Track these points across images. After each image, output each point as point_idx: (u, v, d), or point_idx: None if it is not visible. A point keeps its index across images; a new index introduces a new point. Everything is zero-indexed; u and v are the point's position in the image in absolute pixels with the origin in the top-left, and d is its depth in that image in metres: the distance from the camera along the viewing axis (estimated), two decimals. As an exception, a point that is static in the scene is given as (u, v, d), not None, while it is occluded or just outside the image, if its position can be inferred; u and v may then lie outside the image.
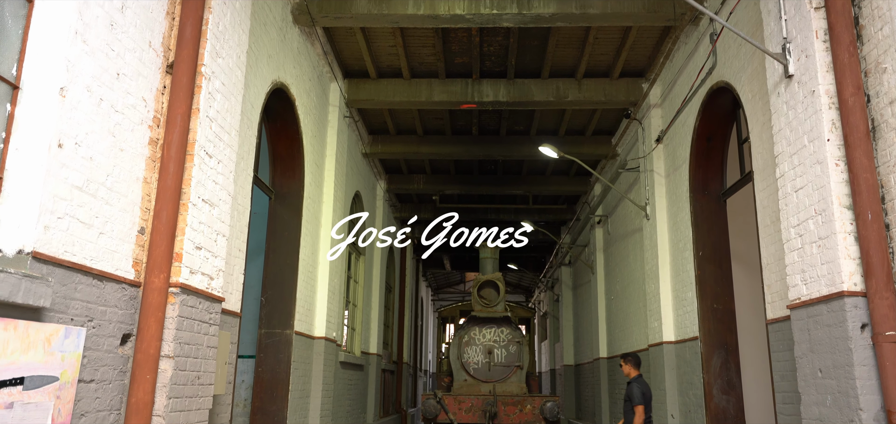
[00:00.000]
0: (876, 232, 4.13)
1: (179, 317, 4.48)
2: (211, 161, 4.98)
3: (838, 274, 4.32)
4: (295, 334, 8.00)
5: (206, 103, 4.90)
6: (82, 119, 3.83)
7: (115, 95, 4.15)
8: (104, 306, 4.03)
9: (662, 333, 8.95)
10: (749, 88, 6.37)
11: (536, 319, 25.54)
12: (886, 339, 3.96)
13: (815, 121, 4.65)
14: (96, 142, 3.95)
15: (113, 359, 4.13)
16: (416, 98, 10.10)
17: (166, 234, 4.42)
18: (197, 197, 4.75)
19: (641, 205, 9.88)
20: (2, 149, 3.50)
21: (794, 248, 4.93)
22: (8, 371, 3.17)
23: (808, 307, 4.71)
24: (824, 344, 4.47)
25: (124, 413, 4.18)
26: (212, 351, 5.01)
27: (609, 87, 9.97)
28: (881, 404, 4.01)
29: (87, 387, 3.86)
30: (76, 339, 3.69)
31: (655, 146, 9.45)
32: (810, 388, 4.65)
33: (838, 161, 4.48)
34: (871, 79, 4.52)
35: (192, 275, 4.69)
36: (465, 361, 11.49)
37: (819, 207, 4.59)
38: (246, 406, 8.76)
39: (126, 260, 4.27)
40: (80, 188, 3.80)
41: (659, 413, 9.09)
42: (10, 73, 3.58)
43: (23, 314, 3.34)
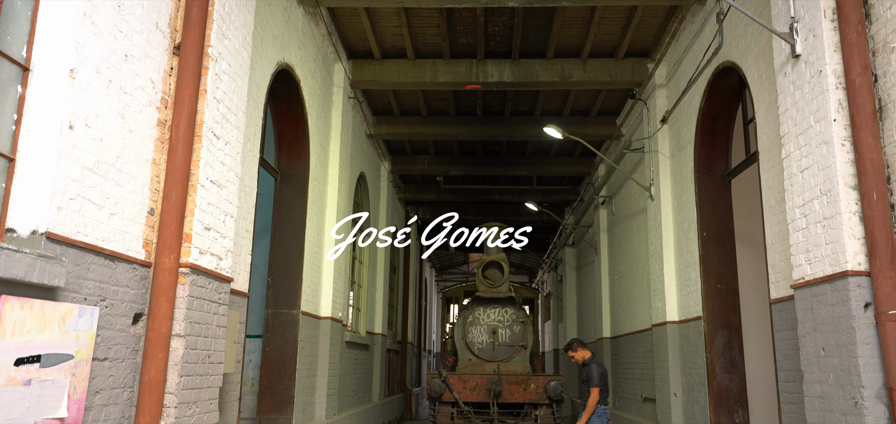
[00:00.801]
0: (881, 211, 4.15)
1: (190, 297, 4.54)
2: (218, 142, 5.01)
3: (842, 254, 4.35)
4: (301, 314, 8.08)
5: (213, 84, 4.92)
6: (92, 100, 3.86)
7: (124, 77, 4.18)
8: (116, 286, 4.09)
9: (666, 313, 9.00)
10: (755, 68, 6.35)
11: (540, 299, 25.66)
12: (889, 318, 3.99)
13: (822, 101, 4.64)
14: (106, 123, 3.98)
15: (125, 338, 4.20)
16: (420, 78, 10.08)
17: (176, 215, 4.47)
18: (205, 178, 4.79)
19: (646, 185, 9.89)
20: (14, 130, 3.53)
21: (799, 228, 4.95)
22: (25, 349, 3.23)
23: (811, 286, 4.74)
24: (827, 323, 4.51)
25: (137, 390, 4.25)
26: (221, 330, 5.08)
27: (614, 67, 9.93)
28: (883, 382, 4.06)
29: (101, 365, 3.93)
30: (90, 318, 3.75)
31: (660, 126, 9.43)
32: (813, 367, 4.70)
33: (844, 141, 4.49)
34: (879, 58, 4.51)
35: (202, 256, 4.75)
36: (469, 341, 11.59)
37: (824, 187, 4.60)
38: (254, 385, 8.88)
39: (136, 240, 4.32)
40: (91, 169, 3.84)
41: (662, 391, 9.17)
42: (20, 55, 3.60)
43: (38, 293, 3.39)
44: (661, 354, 9.23)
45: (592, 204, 14.63)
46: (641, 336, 10.76)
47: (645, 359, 10.52)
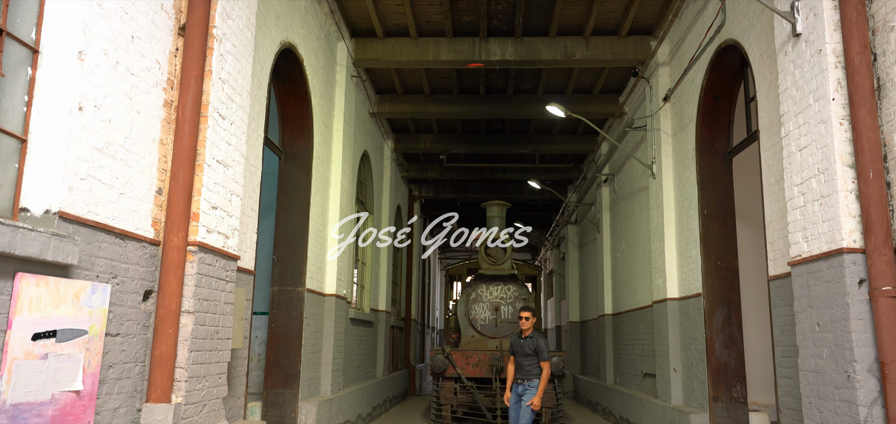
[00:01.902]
0: (877, 190, 4.21)
1: (198, 275, 4.65)
2: (224, 122, 5.08)
3: (838, 232, 4.42)
4: (306, 291, 8.20)
5: (219, 65, 4.97)
6: (100, 82, 3.93)
7: (131, 58, 4.24)
8: (126, 264, 4.20)
9: (667, 290, 9.10)
10: (757, 47, 6.37)
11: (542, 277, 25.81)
12: (882, 294, 4.07)
13: (821, 81, 4.68)
14: (114, 104, 4.06)
15: (136, 314, 4.31)
16: (423, 57, 10.09)
17: (183, 194, 4.56)
18: (211, 158, 4.87)
19: (648, 163, 9.93)
20: (25, 112, 3.61)
21: (797, 206, 5.01)
22: (42, 325, 3.35)
23: (808, 264, 4.82)
24: (823, 299, 4.60)
25: (149, 364, 4.38)
26: (229, 306, 5.20)
27: (617, 45, 9.92)
28: (875, 356, 4.15)
29: (113, 340, 4.06)
30: (102, 295, 3.86)
31: (663, 105, 9.45)
32: (808, 342, 4.79)
33: (842, 120, 4.53)
34: (879, 37, 4.53)
35: (209, 234, 4.85)
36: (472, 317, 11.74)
37: (822, 166, 4.66)
38: (260, 361, 9.04)
39: (145, 219, 4.42)
40: (100, 150, 3.92)
41: (662, 367, 9.31)
42: (29, 38, 3.67)
43: (53, 271, 3.50)
44: (661, 330, 9.35)
45: (595, 182, 14.68)
46: (642, 312, 10.88)
47: (646, 336, 10.65)
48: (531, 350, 6.88)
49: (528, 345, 6.91)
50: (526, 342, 6.96)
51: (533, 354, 6.88)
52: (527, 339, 6.97)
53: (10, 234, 3.15)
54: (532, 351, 6.88)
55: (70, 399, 3.58)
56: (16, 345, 3.19)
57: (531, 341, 6.92)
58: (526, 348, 6.92)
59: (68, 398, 3.57)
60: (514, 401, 6.97)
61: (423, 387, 19.11)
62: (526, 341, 6.96)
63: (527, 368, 6.90)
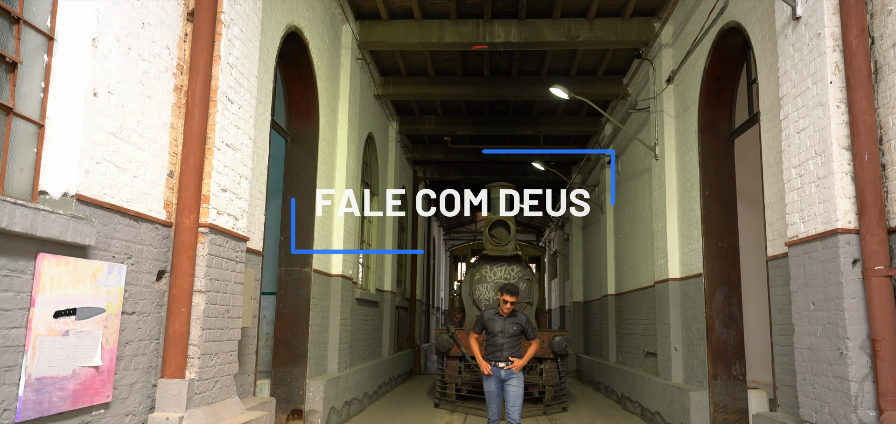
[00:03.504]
0: (871, 171, 4.29)
1: (209, 255, 4.79)
2: (232, 106, 5.19)
3: (834, 213, 4.52)
4: (313, 272, 8.36)
5: (227, 50, 5.07)
6: (113, 68, 4.04)
7: (142, 44, 4.35)
8: (141, 244, 4.34)
9: (668, 270, 9.22)
10: (759, 29, 6.41)
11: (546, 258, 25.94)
12: (875, 273, 4.18)
13: (820, 64, 4.75)
14: (127, 90, 4.17)
15: (151, 294, 4.46)
16: (427, 39, 10.14)
17: (194, 177, 4.68)
18: (221, 141, 4.99)
19: (650, 145, 9.99)
20: (42, 98, 3.73)
21: (795, 188, 5.10)
22: (62, 303, 3.50)
23: (804, 244, 4.92)
24: (818, 278, 4.71)
25: (163, 342, 4.54)
26: (239, 286, 5.35)
27: (621, 27, 9.94)
28: (867, 333, 4.27)
29: (129, 319, 4.21)
30: (118, 275, 4.00)
31: (666, 86, 9.49)
32: (803, 320, 4.91)
33: (840, 103, 4.60)
34: (877, 20, 4.59)
35: (219, 216, 4.98)
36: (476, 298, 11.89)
37: (819, 148, 4.74)
38: (269, 340, 9.23)
39: (158, 201, 4.55)
40: (114, 134, 4.05)
41: (663, 345, 9.46)
42: (45, 25, 3.78)
43: (71, 251, 3.64)
44: (662, 310, 9.48)
45: (599, 163, 14.74)
46: (644, 292, 11.01)
47: (647, 315, 10.79)
48: (516, 329, 6.32)
49: (511, 325, 6.31)
50: (508, 321, 6.32)
51: (519, 334, 6.34)
52: (509, 318, 6.34)
53: (32, 216, 3.28)
54: (518, 332, 6.34)
55: (90, 374, 3.74)
56: (39, 322, 3.34)
57: (514, 320, 6.34)
58: (509, 328, 6.30)
59: (88, 373, 3.73)
60: (497, 390, 6.28)
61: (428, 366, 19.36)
62: (508, 320, 6.33)
63: (510, 349, 6.27)
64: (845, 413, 4.36)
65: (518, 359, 6.25)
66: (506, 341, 6.29)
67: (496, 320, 6.38)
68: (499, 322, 6.37)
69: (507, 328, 6.32)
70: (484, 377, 6.37)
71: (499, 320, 6.37)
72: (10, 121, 3.52)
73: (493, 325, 6.37)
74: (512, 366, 6.22)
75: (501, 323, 6.36)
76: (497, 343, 6.31)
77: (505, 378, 6.25)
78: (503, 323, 6.34)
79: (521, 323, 6.36)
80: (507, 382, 6.24)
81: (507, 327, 6.32)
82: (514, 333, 6.32)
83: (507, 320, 6.35)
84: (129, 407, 4.22)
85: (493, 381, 6.28)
